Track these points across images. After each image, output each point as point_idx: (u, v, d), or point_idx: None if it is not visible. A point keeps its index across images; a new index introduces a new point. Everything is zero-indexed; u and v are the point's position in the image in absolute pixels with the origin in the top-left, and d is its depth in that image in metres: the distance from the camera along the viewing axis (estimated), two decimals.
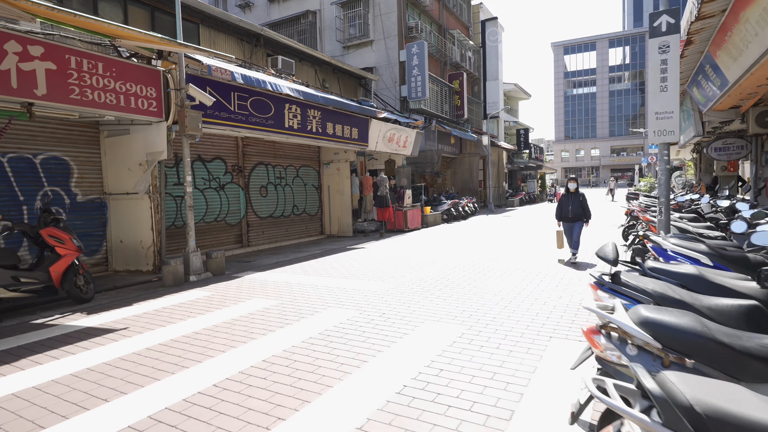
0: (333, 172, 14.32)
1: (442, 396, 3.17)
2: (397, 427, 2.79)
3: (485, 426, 2.78)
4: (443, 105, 23.06)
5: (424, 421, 2.84)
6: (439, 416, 2.90)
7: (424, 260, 8.89)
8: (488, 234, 13.24)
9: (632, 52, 79.30)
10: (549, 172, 48.32)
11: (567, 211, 8.20)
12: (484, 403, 3.06)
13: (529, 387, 3.25)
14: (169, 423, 2.93)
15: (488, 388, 3.26)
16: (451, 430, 2.75)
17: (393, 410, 2.98)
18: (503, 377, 3.44)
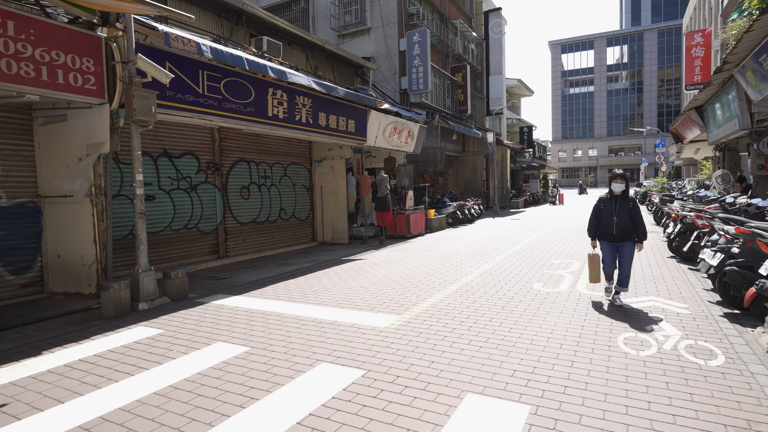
0: (326, 170, 12.63)
1: None
2: None
3: None
4: (445, 99, 21.44)
5: None
6: None
7: (437, 278, 7.23)
8: (503, 241, 11.61)
9: (630, 51, 78.22)
10: (551, 171, 46.88)
11: (609, 225, 5.40)
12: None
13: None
14: None
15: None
16: None
17: None
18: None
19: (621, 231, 5.36)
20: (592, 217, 5.59)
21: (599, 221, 5.52)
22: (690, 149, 21.05)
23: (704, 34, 19.83)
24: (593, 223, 5.58)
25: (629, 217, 5.33)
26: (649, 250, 9.44)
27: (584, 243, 10.92)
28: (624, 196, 5.42)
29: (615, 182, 5.43)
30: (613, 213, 5.39)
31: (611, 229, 5.41)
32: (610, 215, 5.40)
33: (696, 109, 15.36)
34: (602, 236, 5.53)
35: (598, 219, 5.53)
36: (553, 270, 7.62)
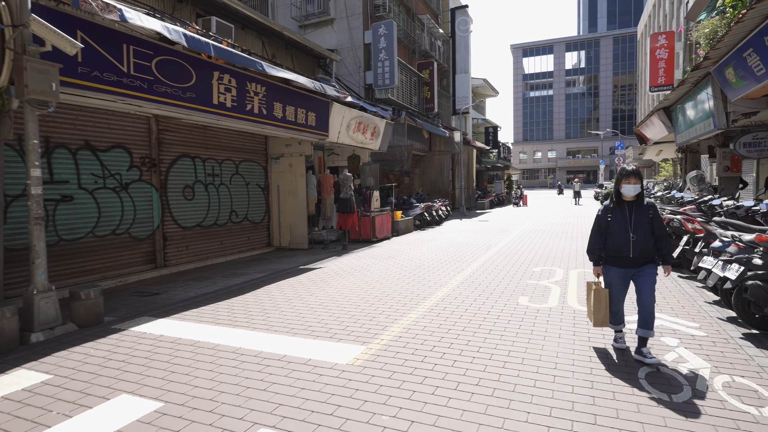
0: (284, 168, 11.48)
1: None
2: None
3: None
4: (412, 96, 20.63)
5: None
6: None
7: (408, 292, 6.29)
8: (475, 245, 10.84)
9: (587, 56, 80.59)
10: (514, 172, 47.18)
11: (623, 245, 3.82)
12: None
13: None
14: None
15: None
16: None
17: None
18: None
19: (640, 252, 3.77)
20: (594, 235, 3.97)
21: (605, 239, 3.92)
22: (653, 151, 21.20)
23: (668, 36, 20.01)
24: (597, 243, 3.94)
25: (650, 232, 3.79)
26: None
27: (560, 248, 10.30)
28: (640, 202, 3.83)
29: (627, 182, 3.77)
30: (628, 227, 3.78)
31: (626, 251, 3.78)
32: (624, 231, 3.79)
33: (664, 110, 15.23)
34: (611, 260, 3.92)
35: (604, 236, 3.92)
36: (536, 280, 6.84)
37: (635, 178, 3.82)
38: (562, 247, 10.25)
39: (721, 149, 14.16)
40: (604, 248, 3.95)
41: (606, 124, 77.31)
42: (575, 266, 7.91)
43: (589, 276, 7.08)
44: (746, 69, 8.50)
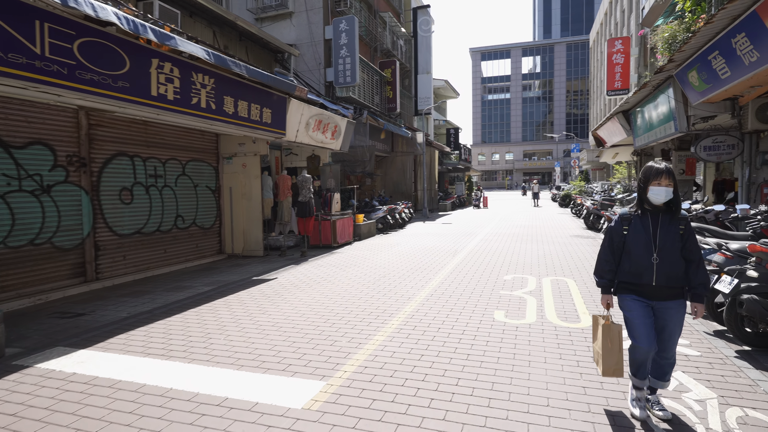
0: (237, 169, 10.60)
1: None
2: None
3: None
4: (374, 96, 20.08)
5: None
6: None
7: (373, 307, 5.69)
8: (442, 250, 10.39)
9: (542, 61, 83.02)
10: (475, 174, 47.61)
11: (645, 268, 2.87)
12: None
13: None
14: None
15: None
16: None
17: None
18: None
19: (666, 280, 2.81)
20: (604, 252, 3.03)
21: (619, 259, 2.99)
22: (609, 153, 21.68)
23: (624, 42, 20.47)
24: (608, 263, 3.02)
25: (680, 253, 2.81)
26: None
27: (528, 252, 10.02)
28: (670, 212, 2.85)
29: (657, 184, 2.79)
30: (650, 245, 2.81)
31: (647, 276, 2.84)
32: (645, 250, 2.82)
33: (623, 113, 15.43)
34: (627, 287, 2.96)
35: (618, 255, 2.99)
36: (509, 290, 6.41)
37: (668, 179, 2.75)
38: (530, 252, 9.97)
39: (677, 152, 14.46)
40: (617, 271, 2.99)
41: (560, 127, 79.84)
42: (546, 273, 7.57)
43: (563, 285, 6.74)
44: (710, 72, 8.48)
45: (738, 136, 9.93)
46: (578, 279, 7.08)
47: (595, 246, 10.85)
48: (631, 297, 2.95)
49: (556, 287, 6.53)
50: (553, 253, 9.72)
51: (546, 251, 10.07)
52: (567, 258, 9.09)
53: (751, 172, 9.74)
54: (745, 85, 8.23)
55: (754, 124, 9.21)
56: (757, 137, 9.69)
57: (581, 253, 9.69)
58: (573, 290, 6.33)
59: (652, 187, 2.82)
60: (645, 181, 2.88)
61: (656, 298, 2.87)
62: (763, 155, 9.55)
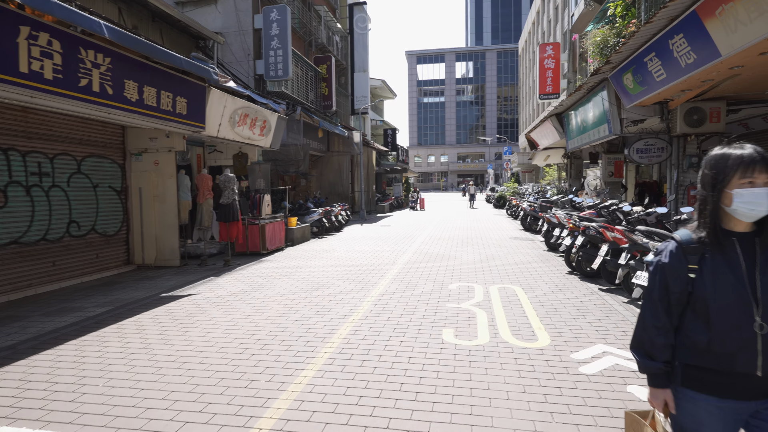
0: (148, 167, 9.25)
1: None
2: None
3: None
4: (308, 92, 19.07)
5: None
6: None
7: (302, 331, 4.84)
8: (381, 256, 9.70)
9: (475, 67, 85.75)
10: (412, 175, 47.75)
11: (737, 341, 1.52)
12: None
13: None
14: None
15: None
16: None
17: None
18: None
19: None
20: (652, 310, 1.66)
21: (685, 324, 1.64)
22: (541, 156, 22.27)
23: (554, 47, 21.11)
24: (660, 331, 1.65)
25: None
26: (543, 263, 8.44)
27: (470, 257, 9.61)
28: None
29: (751, 182, 1.52)
30: (748, 298, 1.52)
31: (747, 358, 1.52)
32: (740, 306, 1.52)
33: (556, 116, 15.71)
34: (699, 378, 1.60)
35: (677, 315, 1.66)
36: (456, 302, 5.83)
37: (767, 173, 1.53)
38: (472, 256, 9.56)
39: (606, 155, 14.90)
40: (682, 346, 1.64)
41: (492, 131, 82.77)
42: (493, 281, 7.12)
43: (512, 294, 6.27)
44: (646, 74, 8.51)
45: (667, 140, 10.19)
46: (525, 286, 6.68)
47: (534, 248, 10.70)
48: (706, 399, 1.59)
49: (505, 297, 6.05)
50: (495, 258, 9.38)
51: (488, 255, 9.72)
52: (510, 262, 8.76)
53: (678, 174, 10.02)
54: (676, 89, 8.33)
55: (682, 128, 9.43)
56: (684, 141, 9.98)
57: (523, 257, 9.42)
58: (523, 300, 5.88)
59: (741, 191, 1.52)
60: (720, 179, 1.57)
61: (757, 397, 1.56)
62: (690, 158, 9.84)
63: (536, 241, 12.01)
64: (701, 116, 9.37)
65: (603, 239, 6.71)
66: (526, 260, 9.01)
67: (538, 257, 9.41)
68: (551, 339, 4.35)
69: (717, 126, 9.39)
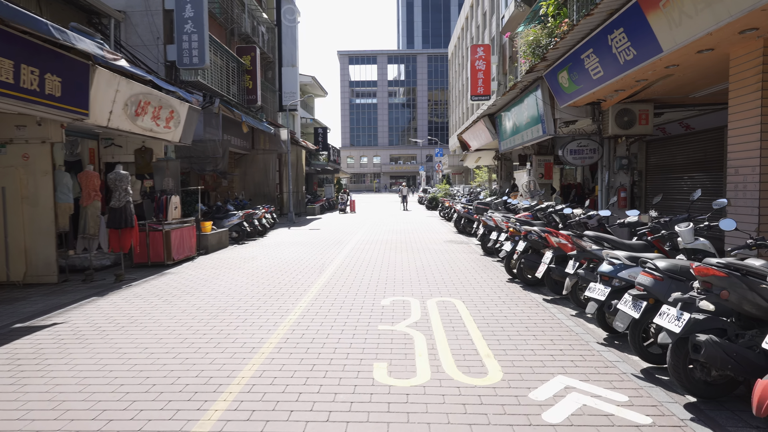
0: (15, 161, 7.52)
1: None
2: None
3: None
4: (230, 84, 17.48)
5: None
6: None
7: (192, 374, 3.73)
8: (306, 265, 8.66)
9: (406, 70, 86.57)
10: (344, 176, 46.76)
11: None
12: None
13: None
14: None
15: None
16: None
17: None
18: None
19: None
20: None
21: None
22: (473, 158, 22.29)
23: (485, 49, 21.17)
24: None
25: None
26: (481, 269, 7.87)
27: (405, 264, 8.86)
28: None
29: None
30: None
31: None
32: None
33: (489, 117, 15.53)
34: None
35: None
36: (390, 323, 4.98)
37: None
38: (407, 264, 8.82)
39: (536, 157, 14.93)
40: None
41: (423, 133, 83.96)
42: (430, 292, 6.37)
43: (452, 310, 5.53)
44: (582, 72, 8.24)
45: (598, 141, 10.13)
46: (466, 299, 5.99)
47: (471, 253, 10.20)
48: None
49: (445, 313, 5.30)
50: (431, 264, 8.70)
51: (424, 262, 9.02)
52: (448, 270, 8.11)
53: (609, 176, 9.99)
54: (611, 89, 8.15)
55: (613, 129, 9.35)
56: (615, 142, 9.96)
57: (461, 263, 8.83)
58: (465, 317, 5.16)
59: None
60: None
61: None
62: (620, 160, 9.83)
63: (471, 245, 11.56)
64: (631, 118, 9.35)
65: (546, 245, 6.21)
66: (463, 267, 8.41)
67: (476, 263, 8.86)
68: (503, 371, 3.62)
69: (645, 128, 9.43)
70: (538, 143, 14.44)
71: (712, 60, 6.36)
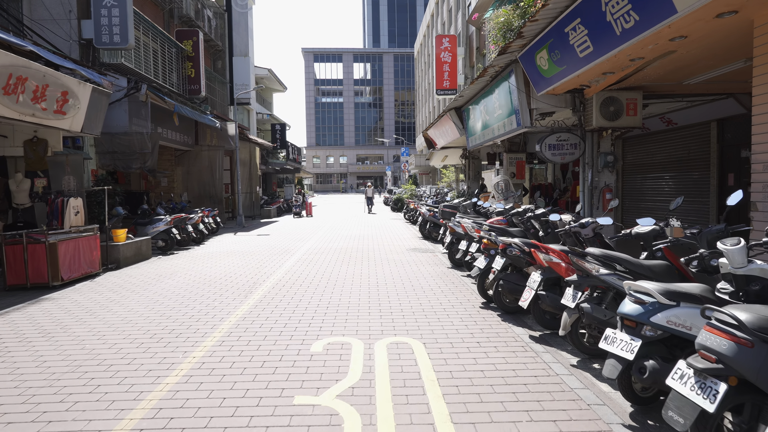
0: None
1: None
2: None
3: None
4: (167, 72, 15.42)
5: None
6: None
7: None
8: (233, 283, 6.92)
9: (372, 69, 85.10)
10: (307, 176, 44.70)
11: None
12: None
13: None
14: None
15: None
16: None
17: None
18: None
19: None
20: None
21: None
22: (439, 157, 20.94)
23: (451, 40, 19.89)
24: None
25: None
26: (449, 289, 6.38)
27: (356, 281, 7.26)
28: None
29: None
30: None
31: None
32: None
33: (456, 110, 14.15)
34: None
35: None
36: (314, 390, 3.36)
37: None
38: (358, 282, 7.22)
39: (508, 155, 13.64)
40: None
41: (390, 134, 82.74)
42: (381, 328, 4.79)
43: (407, 359, 3.97)
44: (566, 50, 6.84)
45: (580, 135, 8.85)
46: (427, 336, 4.46)
47: (437, 265, 8.72)
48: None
49: (396, 367, 3.73)
50: (388, 282, 7.14)
51: (379, 278, 7.45)
52: (408, 290, 6.57)
53: (593, 175, 8.72)
54: (598, 70, 6.81)
55: (598, 121, 8.05)
56: (599, 136, 8.70)
57: (424, 280, 7.31)
58: (425, 372, 3.61)
59: None
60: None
61: None
62: (605, 156, 8.57)
63: (437, 254, 10.10)
64: (618, 108, 8.10)
65: (532, 263, 4.74)
66: (427, 285, 6.89)
67: (442, 279, 7.35)
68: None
69: (634, 120, 8.19)
70: (509, 140, 13.19)
71: (729, 28, 5.06)
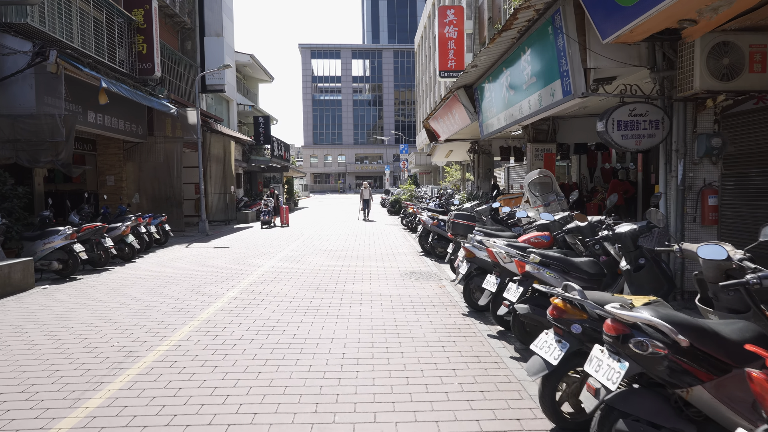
0: None
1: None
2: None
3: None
4: (107, 44, 12.38)
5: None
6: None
7: None
8: (134, 334, 3.91)
9: (372, 66, 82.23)
10: (298, 175, 41.64)
11: None
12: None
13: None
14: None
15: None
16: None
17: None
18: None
19: None
20: None
21: None
22: (443, 151, 17.86)
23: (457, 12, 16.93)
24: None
25: None
26: (473, 369, 3.40)
27: (322, 341, 4.23)
28: None
29: None
30: None
31: None
32: None
33: (465, 89, 11.12)
34: None
35: None
36: None
37: None
38: (312, 349, 4.18)
39: (532, 145, 10.60)
40: None
41: (389, 133, 79.92)
42: None
43: None
44: None
45: (662, 107, 5.79)
46: None
47: (445, 307, 5.67)
48: None
49: None
50: (363, 350, 4.11)
51: (350, 340, 4.41)
52: (397, 370, 3.53)
53: (686, 169, 5.67)
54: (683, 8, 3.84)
55: (704, 81, 5.01)
56: (694, 109, 5.66)
57: (425, 340, 4.27)
58: None
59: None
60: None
61: None
62: (707, 139, 5.52)
63: (444, 283, 7.04)
64: (736, 59, 5.04)
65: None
66: (431, 362, 3.84)
67: (457, 346, 4.29)
68: None
69: (762, 79, 5.17)
70: (534, 126, 10.14)
71: None
